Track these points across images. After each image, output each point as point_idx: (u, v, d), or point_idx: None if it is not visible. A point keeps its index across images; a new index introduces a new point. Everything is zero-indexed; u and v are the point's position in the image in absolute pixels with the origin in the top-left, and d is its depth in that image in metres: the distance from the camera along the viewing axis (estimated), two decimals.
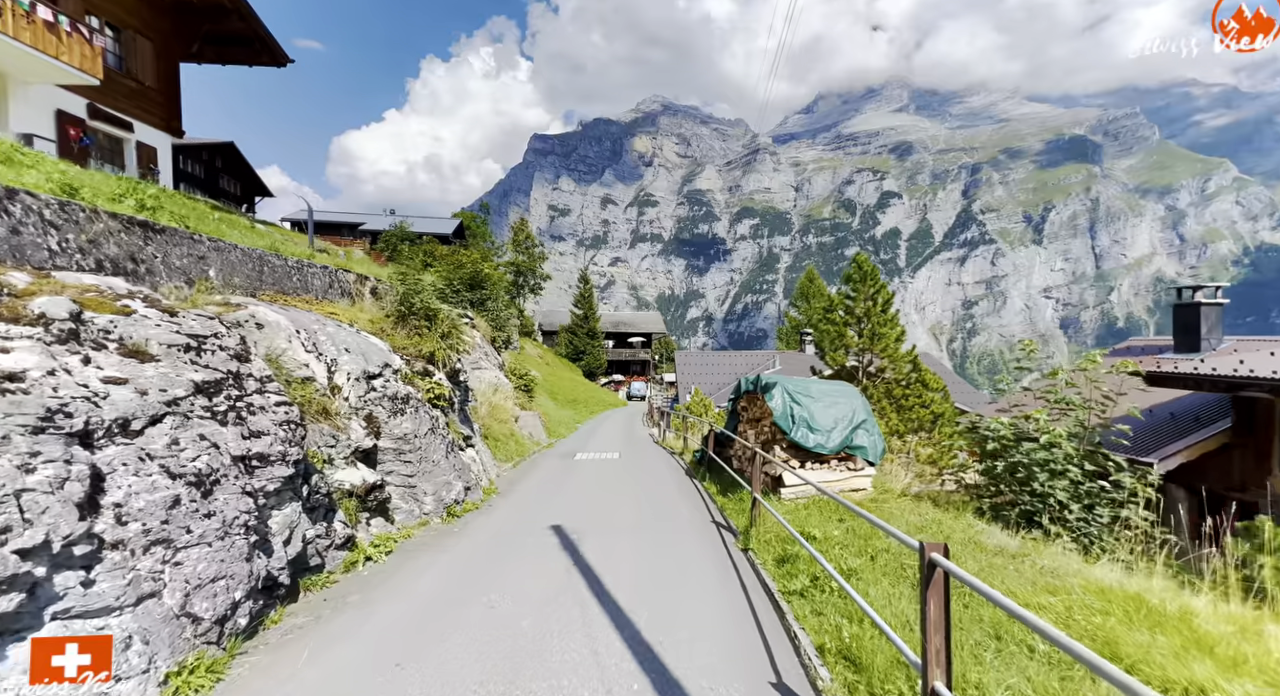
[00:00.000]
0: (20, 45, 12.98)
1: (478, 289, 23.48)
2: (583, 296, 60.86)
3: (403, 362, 8.51)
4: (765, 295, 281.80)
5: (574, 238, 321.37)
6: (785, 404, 7.95)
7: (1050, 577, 4.52)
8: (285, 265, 8.44)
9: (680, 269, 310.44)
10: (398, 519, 7.12)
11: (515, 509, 8.68)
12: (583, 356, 58.44)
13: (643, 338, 65.38)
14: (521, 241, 60.57)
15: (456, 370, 9.97)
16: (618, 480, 11.49)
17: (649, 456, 15.48)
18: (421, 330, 9.16)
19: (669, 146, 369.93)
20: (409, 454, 7.26)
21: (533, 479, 11.55)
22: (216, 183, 37.68)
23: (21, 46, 13.01)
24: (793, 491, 7.66)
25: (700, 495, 9.84)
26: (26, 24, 13.22)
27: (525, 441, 15.91)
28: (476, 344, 19.61)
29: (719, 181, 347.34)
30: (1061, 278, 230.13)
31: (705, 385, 32.73)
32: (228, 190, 36.86)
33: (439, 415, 8.60)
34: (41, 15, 13.51)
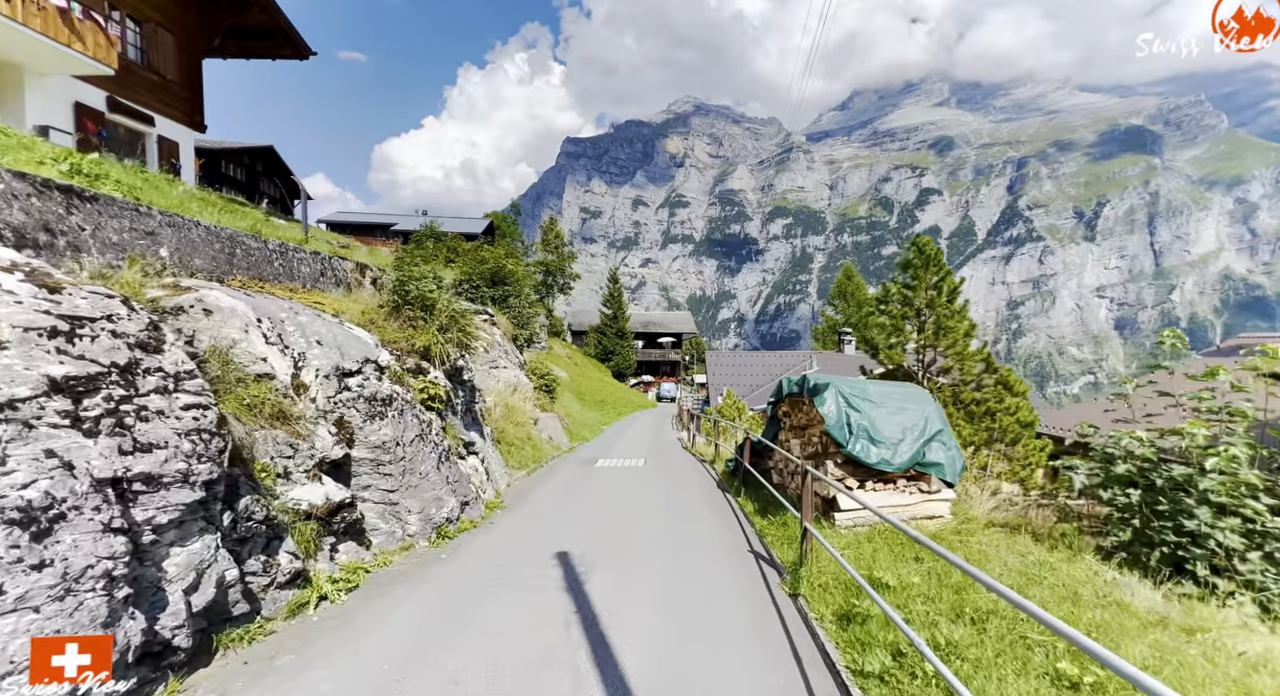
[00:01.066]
0: (29, 32, 12.54)
1: (500, 285, 22.60)
2: (612, 296, 59.87)
3: (392, 358, 7.44)
4: (798, 296, 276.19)
5: (605, 239, 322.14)
6: (840, 410, 6.53)
7: (1269, 676, 3.02)
8: (265, 248, 7.50)
9: (712, 270, 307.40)
10: (375, 542, 6.01)
11: (519, 528, 7.50)
12: (612, 357, 57.43)
13: (673, 338, 63.97)
14: (551, 241, 60.03)
15: (458, 368, 8.89)
16: (640, 493, 10.21)
17: (677, 464, 14.16)
18: (416, 322, 8.09)
19: (700, 147, 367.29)
20: (390, 465, 6.14)
21: (546, 489, 10.38)
22: (257, 185, 38.19)
23: (31, 33, 12.57)
24: (850, 517, 6.23)
25: (734, 514, 8.48)
26: (36, 10, 12.78)
27: (544, 445, 14.81)
28: (496, 342, 18.66)
29: (751, 181, 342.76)
30: (1117, 276, 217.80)
31: (738, 387, 31.15)
32: (268, 193, 37.31)
33: (433, 419, 7.50)
34: (53, 1, 13.08)
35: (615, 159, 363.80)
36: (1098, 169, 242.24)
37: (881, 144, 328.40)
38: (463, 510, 7.40)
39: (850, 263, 53.42)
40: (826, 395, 6.66)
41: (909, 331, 10.57)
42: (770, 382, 34.17)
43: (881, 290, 11.46)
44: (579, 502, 9.29)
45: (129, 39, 17.01)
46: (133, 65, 16.97)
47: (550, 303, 59.07)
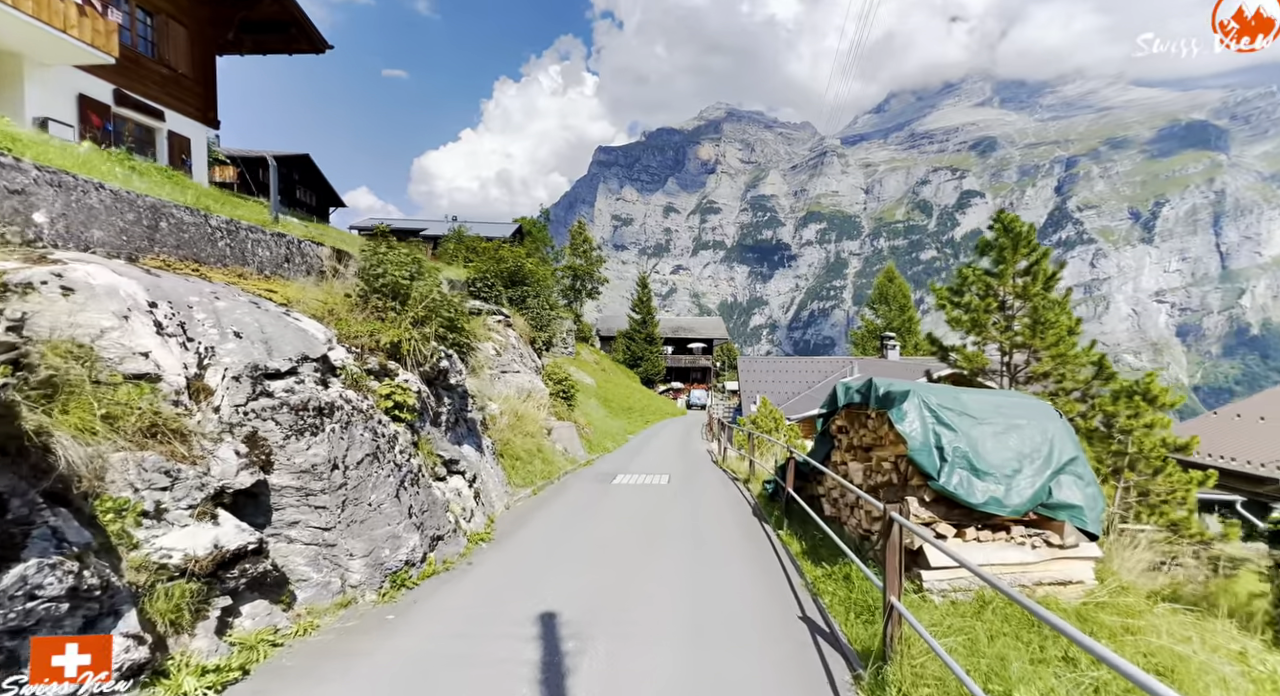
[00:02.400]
0: (20, 15, 11.82)
1: (519, 285, 21.33)
2: (641, 301, 58.41)
3: (349, 357, 6.02)
4: (832, 301, 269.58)
5: (636, 246, 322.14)
6: (926, 427, 4.77)
7: None
8: (205, 224, 6.23)
9: (743, 275, 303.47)
10: (302, 598, 4.54)
11: (503, 573, 5.94)
12: (641, 362, 55.87)
13: (703, 343, 62.03)
14: (579, 245, 59.09)
15: (442, 370, 7.44)
16: (661, 521, 8.55)
17: (706, 483, 12.43)
18: (385, 313, 6.68)
19: (732, 153, 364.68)
20: (324, 495, 4.68)
21: (549, 515, 8.82)
22: (293, 193, 38.39)
23: (22, 16, 11.85)
24: (945, 578, 4.45)
25: (776, 554, 6.74)
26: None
27: (556, 458, 13.30)
28: (510, 344, 17.34)
29: (784, 186, 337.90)
30: (1178, 279, 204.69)
31: (772, 394, 29.12)
32: (303, 201, 37.45)
33: (398, 433, 6.04)
34: None
35: (647, 166, 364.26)
36: (1155, 167, 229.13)
37: (919, 146, 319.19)
38: (433, 547, 5.89)
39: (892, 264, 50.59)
40: (906, 407, 4.90)
41: (991, 326, 8.57)
42: (807, 390, 31.93)
43: (956, 278, 9.53)
44: (585, 534, 7.69)
45: (139, 31, 16.44)
46: (142, 58, 16.38)
47: (579, 308, 58.02)
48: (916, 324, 43.18)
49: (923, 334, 44.76)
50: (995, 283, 8.69)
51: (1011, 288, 8.37)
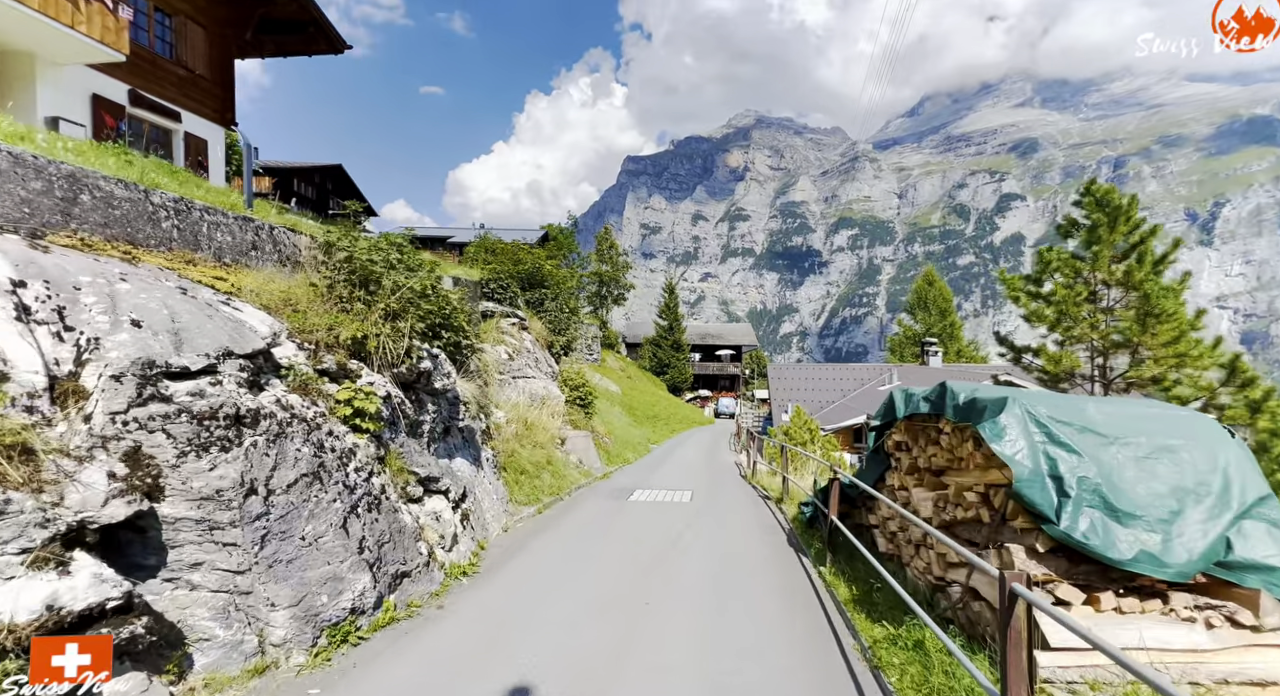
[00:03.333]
0: (25, 9, 11.48)
1: (537, 288, 20.45)
2: (667, 307, 57.22)
3: (299, 354, 5.02)
4: (865, 308, 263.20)
5: (665, 254, 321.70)
6: (1035, 447, 3.44)
7: None
8: (143, 201, 5.35)
9: (773, 282, 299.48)
10: (201, 663, 3.48)
11: (475, 624, 4.80)
12: (667, 370, 54.57)
13: (732, 350, 60.36)
14: (605, 250, 58.44)
15: (423, 372, 6.39)
16: (680, 551, 7.29)
17: (733, 501, 11.09)
18: (351, 304, 5.68)
19: (761, 160, 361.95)
20: (235, 528, 3.63)
21: (552, 539, 7.67)
22: (327, 203, 38.87)
23: (26, 10, 11.51)
24: (1072, 663, 3.10)
25: (820, 602, 5.42)
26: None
27: (568, 471, 12.17)
28: (525, 348, 16.38)
29: (814, 192, 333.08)
30: (1241, 284, 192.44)
31: (806, 403, 27.46)
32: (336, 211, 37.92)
33: (358, 446, 4.99)
34: None
35: (675, 175, 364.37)
36: (1214, 165, 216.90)
37: (955, 149, 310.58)
38: (393, 587, 4.79)
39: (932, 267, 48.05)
40: (1005, 420, 3.57)
41: (1086, 320, 6.99)
42: (842, 398, 30.09)
43: (1037, 264, 8.02)
44: (588, 568, 6.49)
45: (157, 32, 16.22)
46: (159, 59, 16.14)
47: (605, 314, 57.28)
48: (959, 329, 40.77)
49: (965, 340, 42.18)
50: (1086, 268, 7.18)
51: (1108, 273, 6.84)
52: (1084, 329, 6.94)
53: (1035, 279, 8.03)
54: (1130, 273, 6.79)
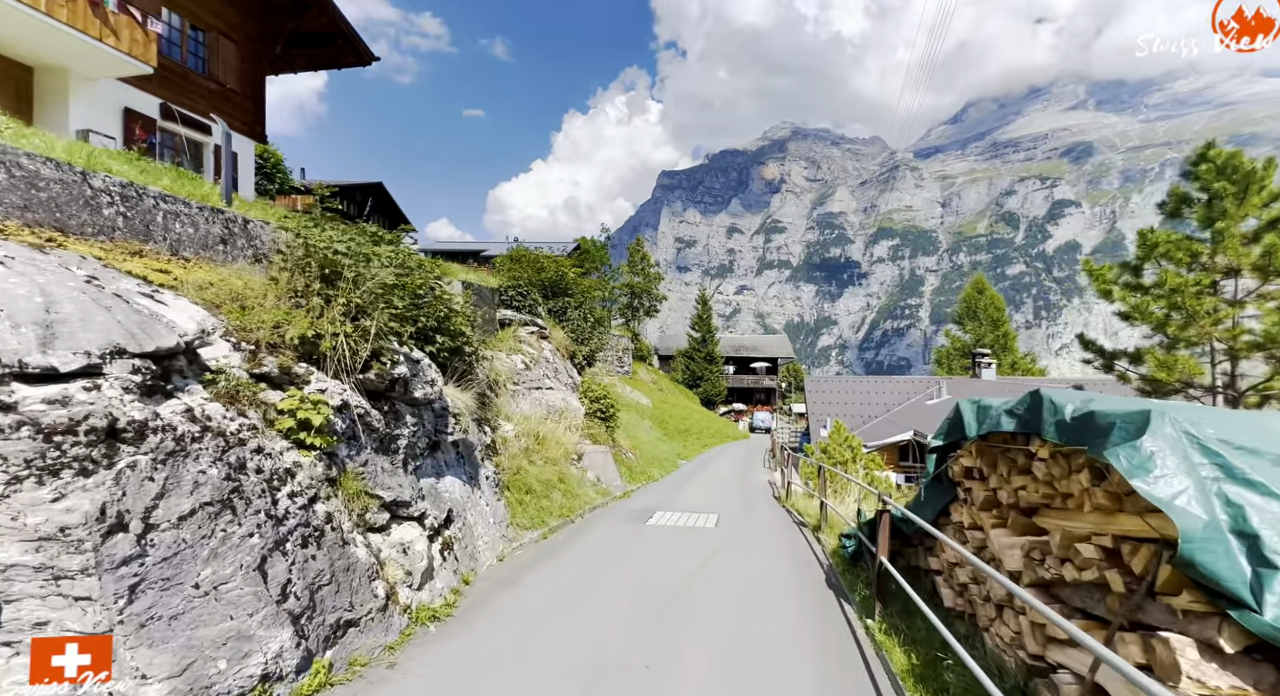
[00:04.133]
0: (53, 22, 11.56)
1: (560, 296, 19.74)
2: (700, 318, 55.99)
3: (234, 355, 4.24)
4: (908, 320, 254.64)
5: (699, 268, 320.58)
6: (1206, 488, 2.27)
7: None
8: (79, 184, 4.74)
9: (810, 295, 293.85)
10: None
11: (430, 692, 3.85)
12: (700, 382, 53.18)
13: (767, 363, 58.51)
14: (636, 262, 57.89)
15: (398, 378, 5.56)
16: (697, 588, 6.18)
17: (764, 527, 9.86)
18: (308, 299, 4.90)
19: (797, 171, 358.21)
20: (87, 576, 2.80)
21: (548, 574, 6.67)
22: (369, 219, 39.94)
23: (54, 23, 11.60)
24: None
25: (870, 674, 4.24)
26: (64, 1, 11.87)
27: (582, 490, 11.18)
28: (544, 358, 15.62)
29: (852, 202, 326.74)
30: None
31: (846, 418, 25.73)
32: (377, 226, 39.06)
33: (300, 465, 4.15)
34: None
35: (710, 189, 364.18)
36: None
37: (1002, 155, 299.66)
38: (332, 642, 3.89)
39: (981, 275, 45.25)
40: (1153, 443, 2.39)
41: (1207, 318, 5.54)
42: (886, 413, 28.17)
43: (1140, 247, 6.63)
44: (585, 610, 5.46)
45: (189, 47, 16.46)
46: (190, 73, 16.35)
47: (636, 326, 56.53)
48: (1013, 340, 38.08)
49: (1020, 352, 39.33)
50: (1204, 251, 5.77)
51: (1237, 255, 5.42)
52: (1204, 327, 5.52)
53: (1134, 267, 6.62)
54: (1272, 254, 5.34)
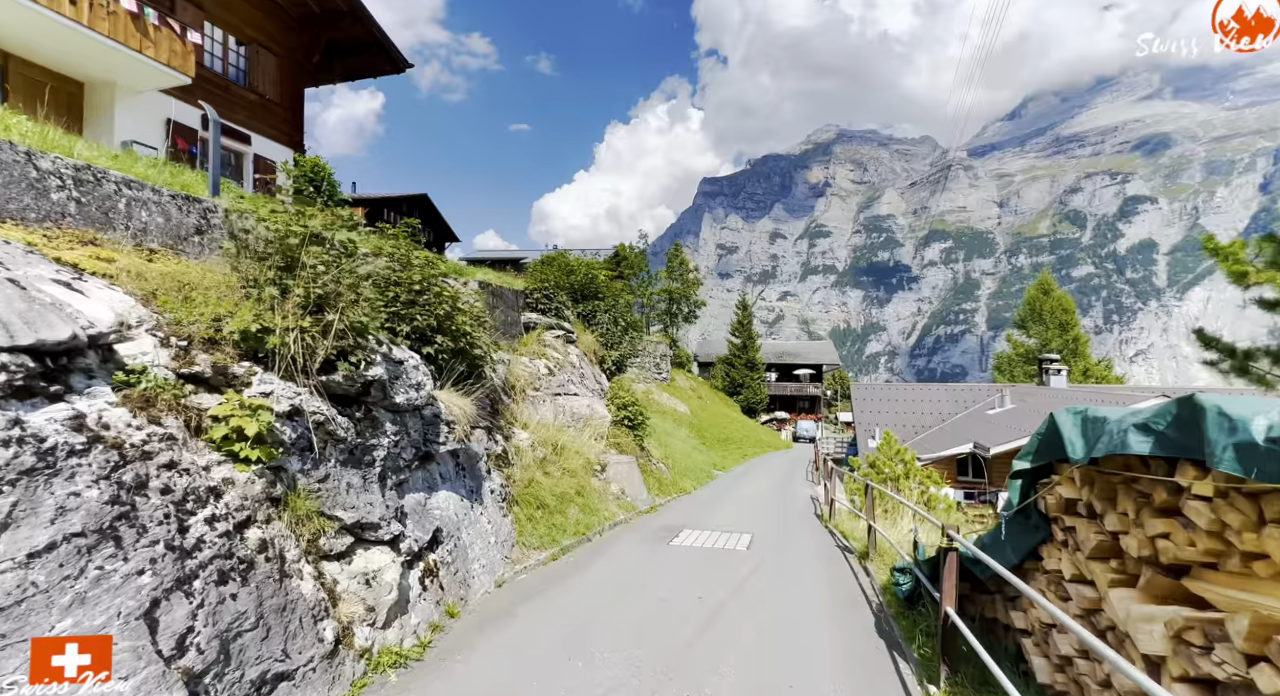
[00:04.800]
0: (96, 35, 11.80)
1: (589, 300, 19.09)
2: (740, 323, 54.48)
3: (159, 353, 3.63)
4: (962, 326, 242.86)
5: (741, 274, 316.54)
6: None
7: None
8: (22, 164, 4.29)
9: (857, 300, 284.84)
10: None
11: None
12: (741, 390, 51.61)
13: (811, 370, 56.30)
14: (675, 267, 57.06)
15: (372, 382, 4.88)
16: (718, 630, 5.20)
17: (803, 552, 8.71)
18: (261, 290, 4.28)
19: (843, 174, 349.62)
20: None
21: (546, 605, 5.83)
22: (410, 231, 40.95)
23: (97, 36, 11.84)
24: None
25: None
26: (105, 14, 12.11)
27: (604, 504, 10.33)
28: (570, 363, 14.95)
29: (901, 204, 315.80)
30: None
31: (897, 428, 23.92)
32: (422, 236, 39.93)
33: (232, 483, 3.49)
34: (125, 6, 12.41)
35: (752, 194, 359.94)
36: None
37: (1066, 150, 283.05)
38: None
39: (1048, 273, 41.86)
40: None
41: None
42: (941, 424, 26.09)
43: None
44: (577, 657, 4.58)
45: (230, 60, 16.81)
46: (232, 85, 16.71)
47: (675, 332, 55.59)
48: (1085, 345, 34.93)
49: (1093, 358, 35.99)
50: None
51: None
52: None
53: None
54: None
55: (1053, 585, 3.64)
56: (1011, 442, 17.81)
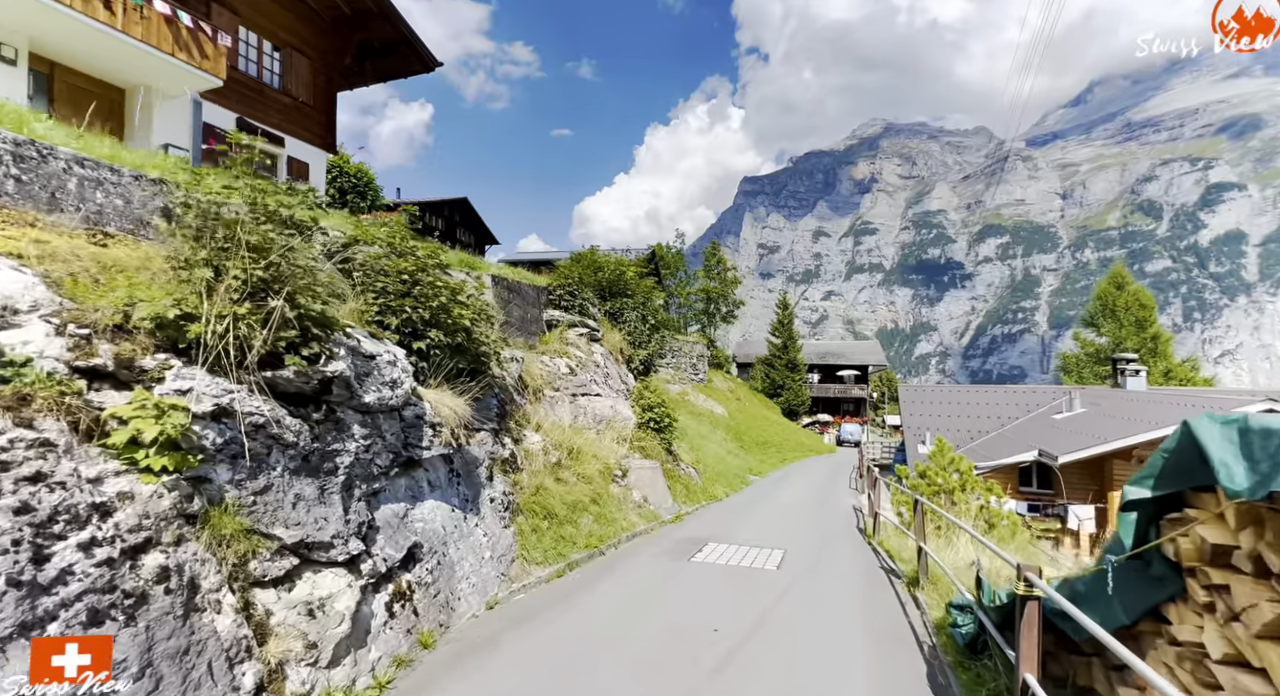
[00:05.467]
0: (130, 40, 11.94)
1: (618, 297, 18.39)
2: (781, 323, 52.67)
3: (56, 340, 3.08)
4: (1021, 325, 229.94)
5: (783, 274, 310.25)
6: None
7: None
8: None
9: (905, 299, 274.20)
10: None
11: None
12: (781, 391, 49.85)
13: (856, 370, 53.93)
14: (712, 266, 55.85)
15: (332, 378, 4.27)
16: (732, 679, 4.34)
17: (842, 574, 7.66)
18: (190, 270, 3.71)
19: (890, 169, 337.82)
20: None
21: (539, 634, 5.07)
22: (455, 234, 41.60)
23: (130, 41, 11.97)
24: None
25: None
26: (139, 19, 12.26)
27: (622, 513, 9.55)
28: (594, 362, 14.29)
29: (953, 199, 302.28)
30: None
31: (950, 433, 22.13)
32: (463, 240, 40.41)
33: (124, 498, 2.90)
34: (159, 9, 12.53)
35: (794, 192, 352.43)
36: None
37: (1139, 136, 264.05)
38: None
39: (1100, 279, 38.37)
40: None
41: None
42: (1000, 429, 24.03)
43: None
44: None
45: (265, 63, 16.96)
46: (266, 88, 16.85)
47: (712, 332, 54.37)
48: (1166, 344, 31.72)
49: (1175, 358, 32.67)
50: None
51: None
52: None
53: None
54: None
55: (1187, 662, 2.61)
56: (1083, 450, 15.99)
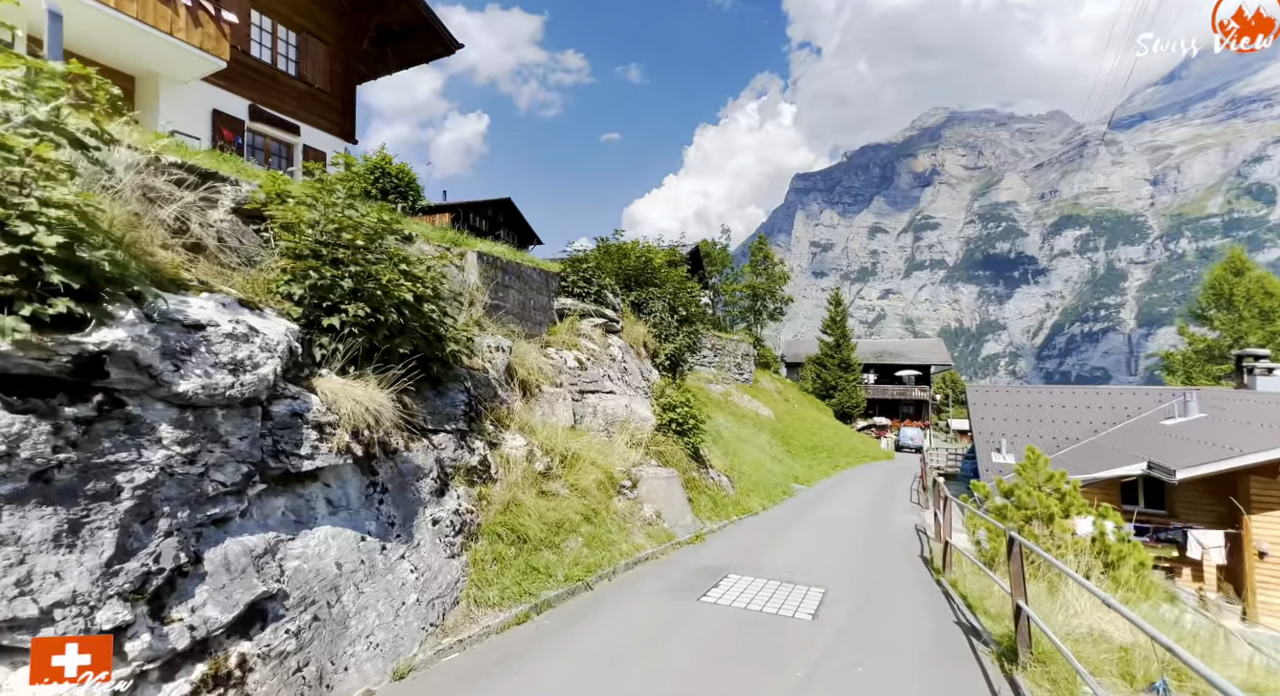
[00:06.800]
0: (123, 16, 11.36)
1: (644, 286, 16.75)
2: (833, 321, 49.43)
3: None
4: (1104, 323, 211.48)
5: (837, 272, 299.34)
6: None
7: None
8: None
9: (970, 297, 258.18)
10: None
11: None
12: (834, 392, 46.66)
13: (917, 371, 49.89)
14: (759, 261, 53.21)
15: (107, 354, 2.85)
16: None
17: (903, 631, 5.65)
18: None
19: (953, 160, 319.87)
20: None
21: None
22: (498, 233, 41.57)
23: (124, 17, 11.39)
24: None
25: None
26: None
27: (623, 534, 7.85)
28: (611, 356, 12.72)
29: (1025, 189, 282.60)
30: None
31: (1029, 439, 19.09)
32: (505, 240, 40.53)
33: None
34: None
35: (849, 188, 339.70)
36: None
37: (1245, 113, 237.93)
38: None
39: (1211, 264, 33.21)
40: None
41: None
42: (1093, 436, 20.67)
43: None
44: None
45: (280, 49, 16.38)
46: (280, 74, 16.25)
47: (759, 330, 51.72)
48: None
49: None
50: None
51: None
52: None
53: None
54: None
55: None
56: (1210, 464, 12.98)
